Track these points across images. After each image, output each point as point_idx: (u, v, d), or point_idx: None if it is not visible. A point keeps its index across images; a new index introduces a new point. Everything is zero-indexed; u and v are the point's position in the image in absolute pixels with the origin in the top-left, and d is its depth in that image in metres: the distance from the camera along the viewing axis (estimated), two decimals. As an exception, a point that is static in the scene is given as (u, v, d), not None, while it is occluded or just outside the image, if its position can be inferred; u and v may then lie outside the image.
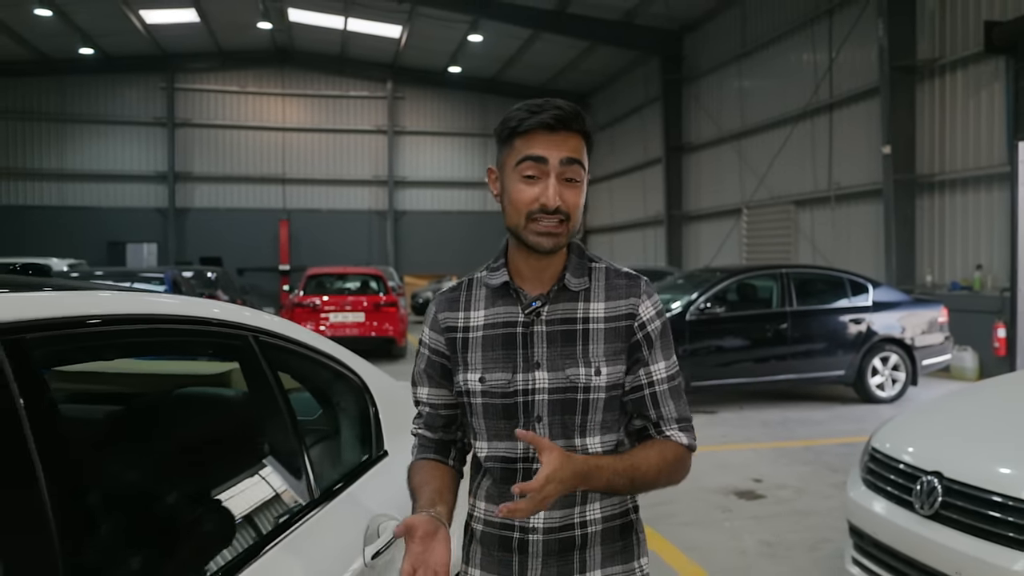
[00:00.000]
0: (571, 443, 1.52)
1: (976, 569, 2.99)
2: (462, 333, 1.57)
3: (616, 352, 1.53)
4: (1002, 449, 3.39)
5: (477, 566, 1.58)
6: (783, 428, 8.20)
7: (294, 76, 28.16)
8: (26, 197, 26.28)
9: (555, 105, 1.48)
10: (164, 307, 1.56)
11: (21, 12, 20.90)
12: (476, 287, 1.61)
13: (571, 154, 1.48)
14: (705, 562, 4.48)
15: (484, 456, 1.56)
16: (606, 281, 1.57)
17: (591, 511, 1.53)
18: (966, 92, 12.61)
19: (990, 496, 3.05)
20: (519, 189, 1.49)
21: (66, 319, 1.25)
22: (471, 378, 1.55)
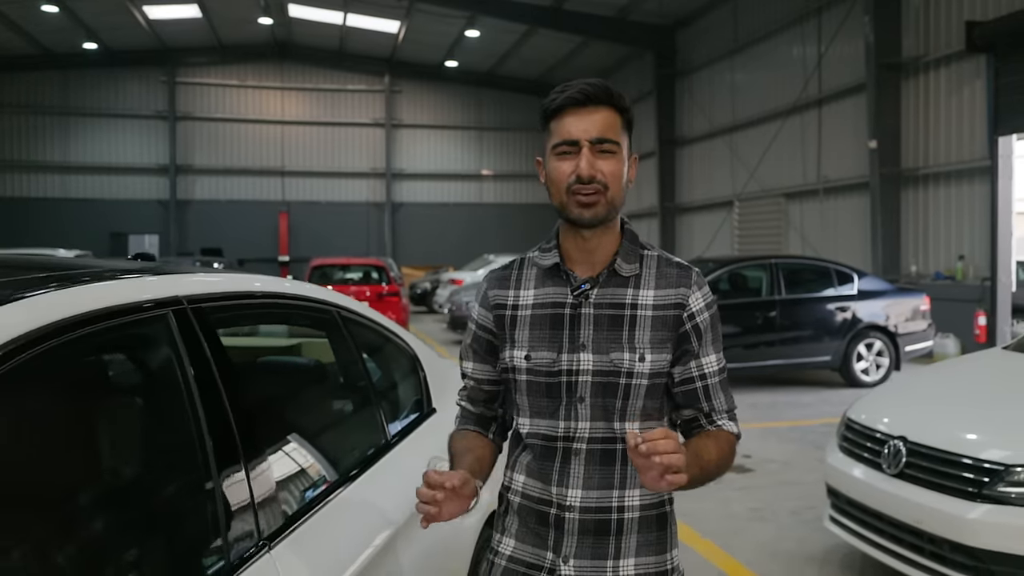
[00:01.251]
0: (610, 426, 1.54)
1: (934, 518, 3.47)
2: (511, 311, 1.60)
3: (662, 340, 1.54)
4: (959, 417, 3.87)
5: (512, 536, 1.60)
6: (772, 410, 8.67)
7: (293, 70, 28.49)
8: (30, 189, 26.62)
9: (584, 81, 1.53)
10: (285, 287, 2.01)
11: (28, 8, 21.28)
12: (527, 267, 1.64)
13: (601, 133, 1.50)
14: (698, 525, 4.95)
15: (526, 432, 1.59)
16: (657, 269, 1.58)
17: (630, 497, 1.54)
18: (949, 89, 13.09)
19: (947, 456, 3.53)
20: (556, 168, 1.52)
21: (234, 293, 1.70)
22: (517, 355, 1.57)
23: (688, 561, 4.41)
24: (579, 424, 1.53)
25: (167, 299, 1.50)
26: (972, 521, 3.32)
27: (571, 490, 1.53)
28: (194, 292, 1.60)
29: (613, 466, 1.53)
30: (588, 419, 1.53)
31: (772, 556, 4.46)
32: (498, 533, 1.64)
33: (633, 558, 1.54)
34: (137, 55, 26.60)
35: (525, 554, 1.57)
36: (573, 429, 1.53)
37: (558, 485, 1.53)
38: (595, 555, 1.52)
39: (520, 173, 29.65)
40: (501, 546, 1.62)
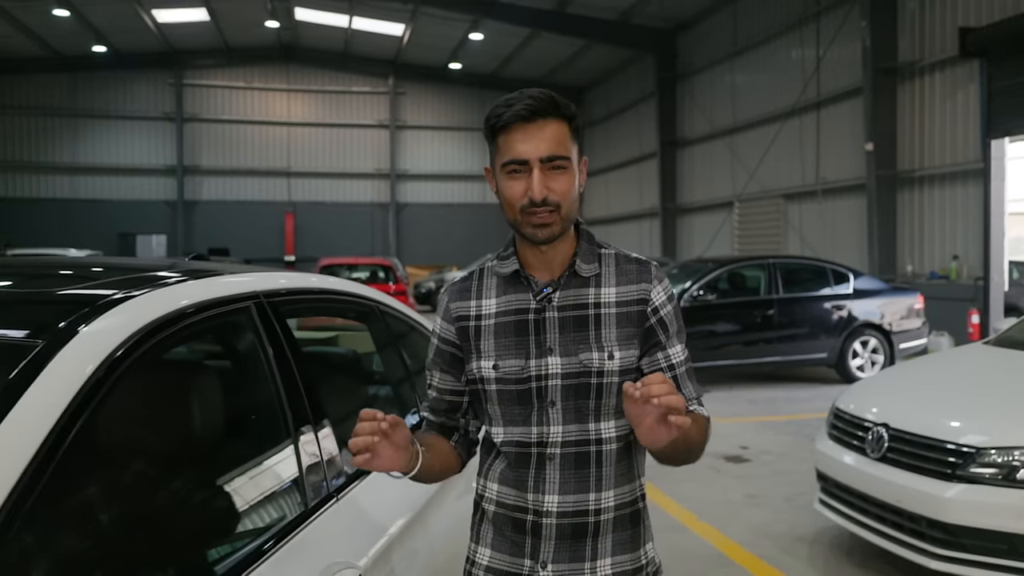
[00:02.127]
0: (585, 427, 1.53)
1: (913, 498, 3.78)
2: (475, 321, 1.59)
3: (628, 336, 1.55)
4: (938, 406, 4.18)
5: (488, 545, 1.60)
6: (769, 405, 8.98)
7: (299, 72, 28.84)
8: (39, 190, 26.97)
9: (528, 95, 1.50)
10: (337, 284, 2.32)
11: (40, 12, 21.64)
12: (487, 276, 1.63)
13: (551, 149, 1.48)
14: (697, 510, 5.26)
15: (500, 441, 1.58)
16: (616, 266, 1.59)
17: (605, 499, 1.54)
18: (943, 93, 13.38)
19: (926, 441, 3.84)
20: (508, 187, 1.51)
21: (300, 289, 2.01)
22: (485, 365, 1.56)
23: (687, 542, 4.73)
24: (551, 429, 1.53)
25: (249, 294, 1.81)
26: (948, 500, 3.62)
27: (547, 496, 1.52)
28: (266, 288, 1.91)
29: (588, 469, 1.53)
30: (560, 423, 1.53)
31: (766, 537, 4.77)
32: (473, 543, 1.63)
33: (610, 558, 1.55)
34: (145, 58, 26.97)
35: (502, 563, 1.57)
36: (546, 434, 1.53)
37: (534, 492, 1.53)
38: (573, 558, 1.53)
39: (523, 174, 29.92)
40: (477, 556, 1.61)
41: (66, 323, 1.31)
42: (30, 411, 1.13)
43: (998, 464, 3.57)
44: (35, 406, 1.14)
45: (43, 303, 1.50)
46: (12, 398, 1.14)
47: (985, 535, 3.52)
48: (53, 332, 1.28)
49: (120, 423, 1.34)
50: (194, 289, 1.63)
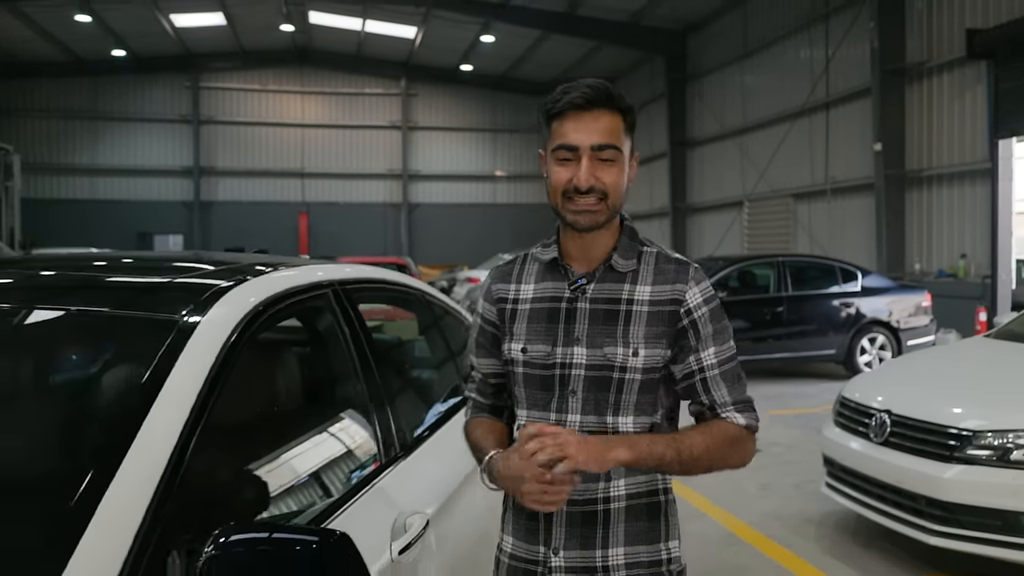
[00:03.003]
0: (603, 420, 1.55)
1: (914, 479, 4.03)
2: (511, 304, 1.64)
3: (657, 336, 1.55)
4: (938, 393, 4.44)
5: (510, 533, 1.65)
6: (778, 400, 9.21)
7: (312, 75, 29.14)
8: (59, 191, 27.35)
9: (585, 85, 1.52)
10: (390, 276, 2.61)
11: (62, 17, 21.99)
12: (529, 262, 1.68)
13: (602, 138, 1.51)
14: (711, 496, 5.52)
15: (522, 424, 1.62)
16: (655, 265, 1.59)
17: (615, 487, 1.55)
18: (951, 93, 13.57)
19: (926, 425, 4.09)
20: (556, 172, 1.54)
21: (364, 279, 2.30)
22: (515, 348, 1.61)
23: (702, 525, 4.99)
24: (570, 417, 1.55)
25: (327, 281, 2.09)
26: (946, 480, 3.87)
27: None
28: (338, 277, 2.20)
29: None
30: (579, 412, 1.55)
31: (776, 519, 5.03)
32: (501, 531, 1.69)
33: (622, 547, 1.55)
34: (163, 61, 27.30)
35: (521, 550, 1.61)
36: (564, 422, 1.55)
37: None
38: (583, 545, 1.54)
39: (533, 174, 30.18)
40: (504, 543, 1.66)
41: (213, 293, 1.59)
42: (193, 362, 1.42)
43: (994, 446, 3.82)
44: (196, 356, 1.43)
45: (180, 288, 1.78)
46: (175, 355, 1.42)
47: (980, 512, 3.77)
48: (208, 301, 1.57)
49: (246, 379, 1.63)
50: (291, 275, 1.91)
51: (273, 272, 1.92)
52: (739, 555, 4.52)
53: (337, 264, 2.34)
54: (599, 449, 1.43)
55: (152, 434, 1.27)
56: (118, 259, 2.25)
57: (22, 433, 1.47)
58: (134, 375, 1.39)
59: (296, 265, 2.11)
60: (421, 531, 1.81)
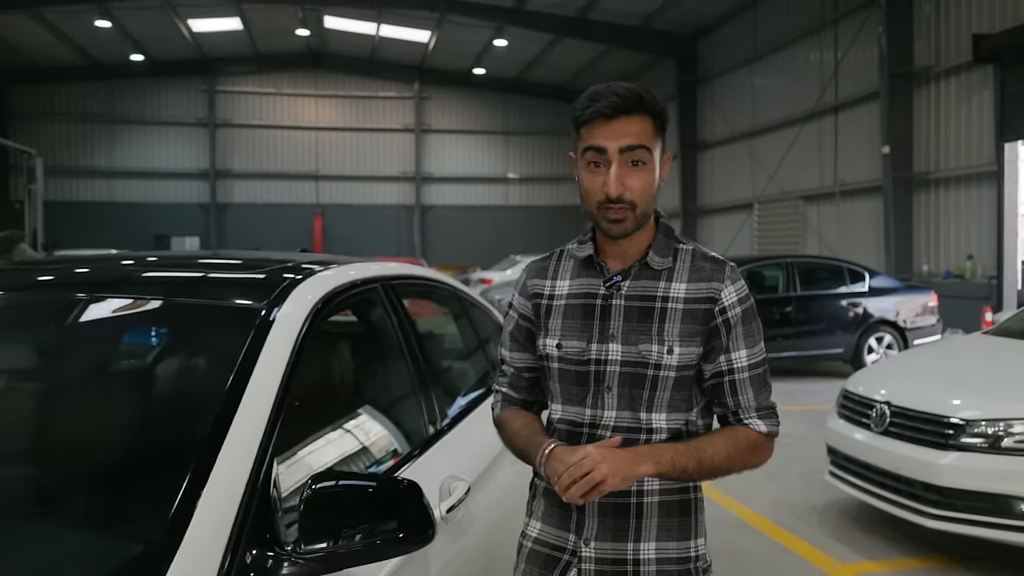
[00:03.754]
0: (636, 416, 1.56)
1: (911, 465, 4.27)
2: (547, 300, 1.65)
3: (692, 334, 1.55)
4: (934, 385, 4.68)
5: (539, 519, 1.67)
6: (787, 396, 9.43)
7: (327, 78, 29.52)
8: (78, 193, 27.81)
9: (614, 92, 1.52)
10: (428, 273, 2.88)
11: (82, 23, 22.47)
12: (565, 258, 1.68)
13: (631, 141, 1.51)
14: (720, 485, 5.73)
15: (556, 418, 1.63)
16: (691, 263, 1.60)
17: (649, 482, 1.56)
18: (958, 97, 13.78)
19: (923, 415, 4.33)
20: (586, 179, 1.55)
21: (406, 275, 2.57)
22: (550, 343, 1.62)
23: (712, 512, 5.21)
24: (605, 412, 1.57)
25: (376, 277, 2.37)
26: (942, 466, 4.11)
27: None
28: (385, 274, 2.47)
29: None
30: (614, 408, 1.56)
31: (782, 506, 5.28)
32: (527, 517, 1.71)
33: (654, 542, 1.56)
34: (180, 65, 27.73)
35: (549, 536, 1.63)
36: (599, 417, 1.57)
37: None
38: (615, 538, 1.56)
39: (545, 176, 30.48)
40: (529, 529, 1.68)
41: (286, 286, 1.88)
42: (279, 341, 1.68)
43: (986, 434, 4.06)
44: (281, 337, 1.70)
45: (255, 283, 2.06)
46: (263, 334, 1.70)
47: (973, 496, 4.01)
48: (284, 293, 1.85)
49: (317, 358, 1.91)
50: (348, 271, 2.19)
51: (333, 268, 2.19)
52: (747, 539, 4.77)
53: (383, 262, 2.61)
54: (627, 465, 1.45)
55: (254, 399, 1.54)
56: (192, 258, 2.54)
57: (157, 400, 1.78)
58: (234, 352, 1.65)
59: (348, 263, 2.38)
60: (464, 495, 2.07)
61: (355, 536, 1.35)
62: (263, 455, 1.45)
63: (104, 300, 2.01)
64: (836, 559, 4.40)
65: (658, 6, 20.66)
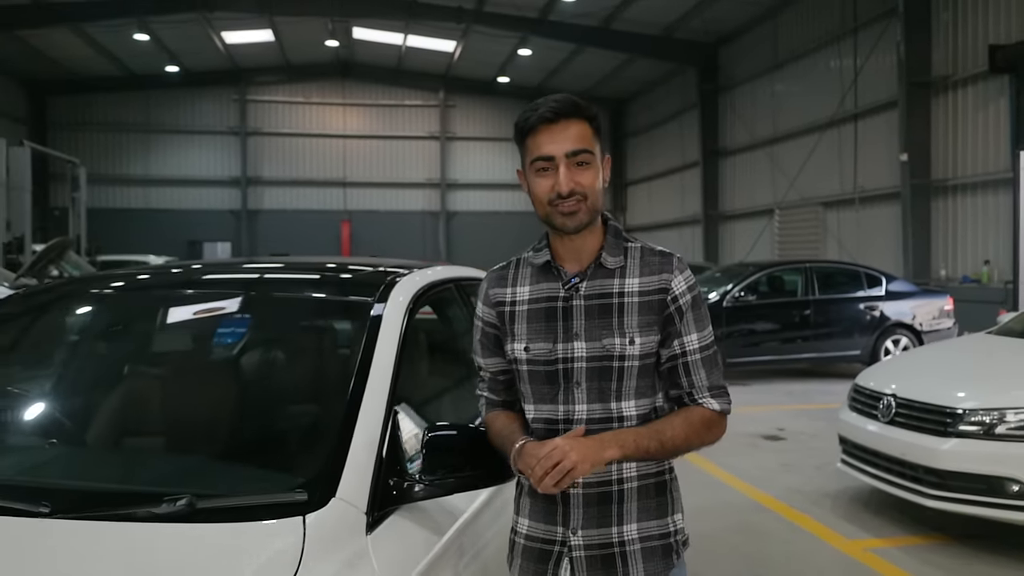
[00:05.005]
0: (607, 407, 1.66)
1: (914, 451, 4.69)
2: (509, 307, 1.75)
3: (649, 324, 1.66)
4: (936, 379, 5.10)
5: (526, 516, 1.75)
6: (804, 396, 9.83)
7: (354, 87, 30.20)
8: (115, 200, 28.61)
9: (551, 100, 1.65)
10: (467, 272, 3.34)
11: (121, 36, 23.29)
12: (522, 266, 1.78)
13: (575, 145, 1.63)
14: (740, 474, 6.20)
15: (531, 418, 1.72)
16: (641, 259, 1.70)
17: (627, 468, 1.67)
18: (975, 106, 14.08)
19: (925, 406, 4.75)
20: (537, 184, 1.66)
21: (471, 277, 3.05)
22: (518, 347, 1.71)
23: (731, 496, 5.69)
24: (576, 407, 1.67)
25: (450, 279, 2.85)
26: (942, 451, 4.53)
27: None
28: (455, 275, 2.95)
29: None
30: (585, 402, 1.66)
31: (797, 493, 5.70)
32: (515, 514, 1.80)
33: (636, 523, 1.67)
34: (212, 76, 28.51)
35: (538, 531, 1.72)
36: (571, 412, 1.66)
37: None
38: (600, 524, 1.66)
39: (568, 182, 30.90)
40: (519, 525, 1.77)
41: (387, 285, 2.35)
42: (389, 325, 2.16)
43: (982, 422, 4.47)
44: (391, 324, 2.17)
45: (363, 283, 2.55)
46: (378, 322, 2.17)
47: (968, 478, 4.43)
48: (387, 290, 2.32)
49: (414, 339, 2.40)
50: (431, 272, 2.67)
51: (420, 271, 2.67)
52: (764, 519, 5.21)
53: (453, 267, 3.09)
54: (594, 451, 1.57)
55: (380, 366, 2.01)
56: (304, 263, 3.04)
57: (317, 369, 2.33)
58: (359, 335, 2.13)
59: (428, 267, 2.86)
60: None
61: (462, 470, 1.81)
62: (389, 410, 1.93)
63: (265, 295, 2.59)
64: (844, 536, 4.82)
65: (680, 16, 21.02)
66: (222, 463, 2.04)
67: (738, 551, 4.62)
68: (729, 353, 10.38)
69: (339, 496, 1.67)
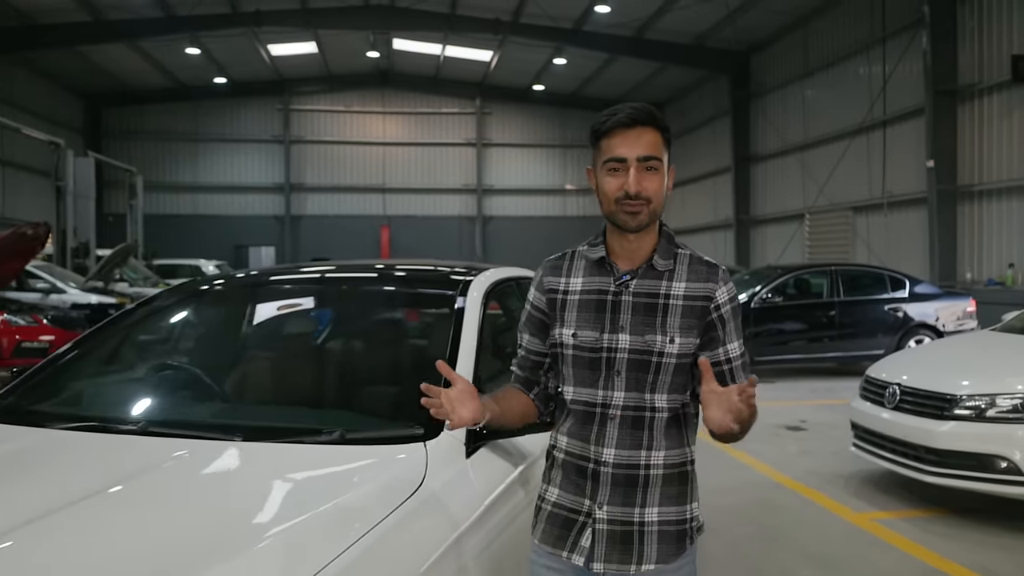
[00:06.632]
0: (642, 396, 1.78)
1: (915, 433, 5.24)
2: (562, 295, 1.85)
3: (690, 327, 1.76)
4: (937, 370, 5.63)
5: (556, 486, 1.87)
6: (828, 392, 10.31)
7: (393, 96, 31.11)
8: (166, 207, 29.83)
9: (630, 107, 1.76)
10: (523, 272, 3.98)
11: (174, 51, 24.45)
12: (577, 258, 1.88)
13: (646, 151, 1.73)
14: (761, 458, 6.78)
15: (570, 399, 1.83)
16: (689, 265, 1.80)
17: (655, 457, 1.78)
18: (1000, 113, 14.43)
19: (926, 393, 5.30)
20: (607, 182, 1.76)
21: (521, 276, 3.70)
22: (566, 332, 1.82)
23: (753, 476, 6.27)
24: (615, 393, 1.78)
25: (511, 277, 3.49)
26: (940, 433, 5.07)
27: (606, 448, 1.78)
28: (515, 275, 3.58)
29: (642, 431, 1.78)
30: (623, 389, 1.77)
31: (813, 474, 6.27)
32: (545, 483, 1.92)
33: (657, 507, 1.78)
34: (257, 86, 29.66)
35: (567, 500, 1.84)
36: (610, 398, 1.78)
37: (595, 444, 1.79)
38: (625, 503, 1.78)
39: (601, 188, 31.45)
40: (547, 494, 1.90)
41: (465, 281, 3.00)
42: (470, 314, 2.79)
43: (976, 407, 5.01)
44: (471, 313, 2.81)
45: (445, 280, 3.21)
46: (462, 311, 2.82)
47: (963, 456, 4.97)
48: (465, 286, 2.97)
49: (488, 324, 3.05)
50: (497, 272, 3.32)
51: (487, 271, 3.32)
52: (780, 495, 5.79)
53: (512, 268, 3.73)
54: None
55: (466, 342, 2.66)
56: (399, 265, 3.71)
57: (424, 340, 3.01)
58: (450, 318, 2.80)
59: (494, 267, 3.51)
60: None
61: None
62: (476, 374, 2.58)
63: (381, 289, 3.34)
64: (852, 510, 5.39)
65: (712, 25, 21.49)
66: (361, 412, 2.70)
67: (755, 521, 5.21)
68: (757, 352, 10.90)
69: (445, 431, 2.32)
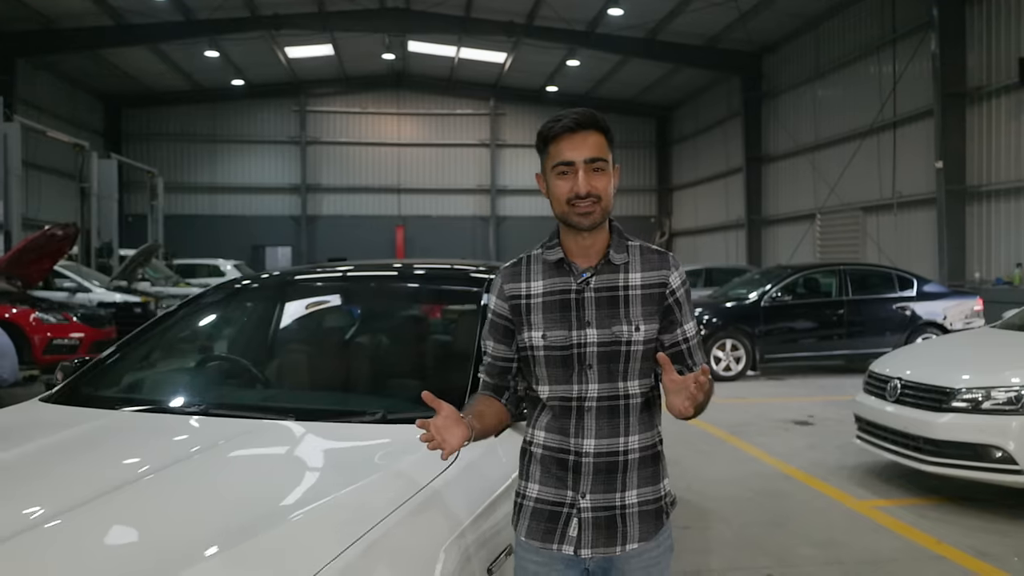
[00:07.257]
0: (615, 385, 1.85)
1: (915, 425, 5.49)
2: (525, 299, 1.89)
3: (651, 313, 1.85)
4: (936, 365, 5.88)
5: (536, 481, 1.91)
6: (836, 389, 10.52)
7: (408, 97, 31.44)
8: (184, 207, 30.20)
9: (573, 112, 1.83)
10: None
11: (193, 54, 24.86)
12: (534, 262, 1.93)
13: (593, 153, 1.80)
14: (769, 450, 7.04)
15: (546, 396, 1.89)
16: (641, 256, 1.88)
17: (631, 442, 1.86)
18: (1008, 115, 14.61)
19: (926, 386, 5.55)
20: (557, 185, 1.82)
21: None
22: (535, 335, 1.87)
23: (761, 468, 6.53)
24: (589, 386, 1.85)
25: None
26: (938, 424, 5.31)
27: (586, 440, 1.84)
28: None
29: (617, 418, 1.85)
30: (596, 381, 1.84)
31: (819, 466, 6.52)
32: (523, 480, 1.95)
33: (635, 489, 1.86)
34: (274, 88, 30.05)
35: (549, 495, 1.89)
36: (585, 391, 1.84)
37: (575, 436, 1.85)
38: (606, 489, 1.85)
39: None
40: (527, 490, 1.93)
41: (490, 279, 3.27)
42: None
43: (972, 399, 5.25)
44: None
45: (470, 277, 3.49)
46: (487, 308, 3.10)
47: (959, 446, 5.22)
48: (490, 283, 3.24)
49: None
50: None
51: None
52: (788, 484, 6.05)
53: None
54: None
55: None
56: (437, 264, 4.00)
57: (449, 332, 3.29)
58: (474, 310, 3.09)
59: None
60: None
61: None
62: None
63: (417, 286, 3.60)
64: (855, 497, 5.65)
65: (724, 27, 21.68)
66: (399, 397, 2.96)
67: (762, 508, 5.47)
68: (767, 350, 11.15)
69: None
